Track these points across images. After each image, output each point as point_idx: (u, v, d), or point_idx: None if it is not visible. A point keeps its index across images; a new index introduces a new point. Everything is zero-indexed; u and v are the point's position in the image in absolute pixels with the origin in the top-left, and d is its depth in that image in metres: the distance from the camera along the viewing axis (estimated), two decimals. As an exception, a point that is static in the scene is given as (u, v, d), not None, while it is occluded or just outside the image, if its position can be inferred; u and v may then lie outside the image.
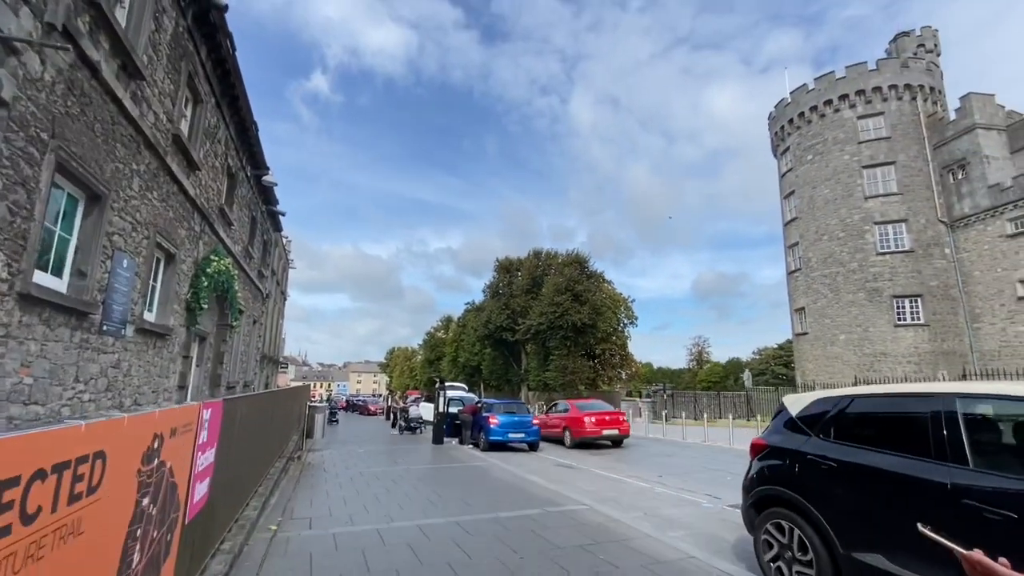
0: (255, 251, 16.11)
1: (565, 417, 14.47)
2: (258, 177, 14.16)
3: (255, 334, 17.80)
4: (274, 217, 18.69)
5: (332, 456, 10.67)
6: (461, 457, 11.15)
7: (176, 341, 8.90)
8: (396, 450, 12.45)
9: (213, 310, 11.84)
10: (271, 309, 24.47)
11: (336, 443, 15.19)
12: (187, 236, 9.09)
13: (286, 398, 8.89)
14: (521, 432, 13.09)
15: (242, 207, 13.68)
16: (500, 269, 51.45)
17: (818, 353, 30.16)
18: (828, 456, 3.22)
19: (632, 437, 18.36)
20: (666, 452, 13.26)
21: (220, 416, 3.34)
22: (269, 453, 6.94)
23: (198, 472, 2.81)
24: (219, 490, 3.65)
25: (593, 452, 13.09)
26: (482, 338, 51.88)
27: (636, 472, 9.61)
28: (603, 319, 40.83)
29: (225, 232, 11.78)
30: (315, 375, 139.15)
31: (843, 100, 30.81)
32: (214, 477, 3.32)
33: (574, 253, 42.81)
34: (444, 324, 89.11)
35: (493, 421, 12.97)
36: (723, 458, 11.86)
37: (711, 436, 16.29)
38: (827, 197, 30.59)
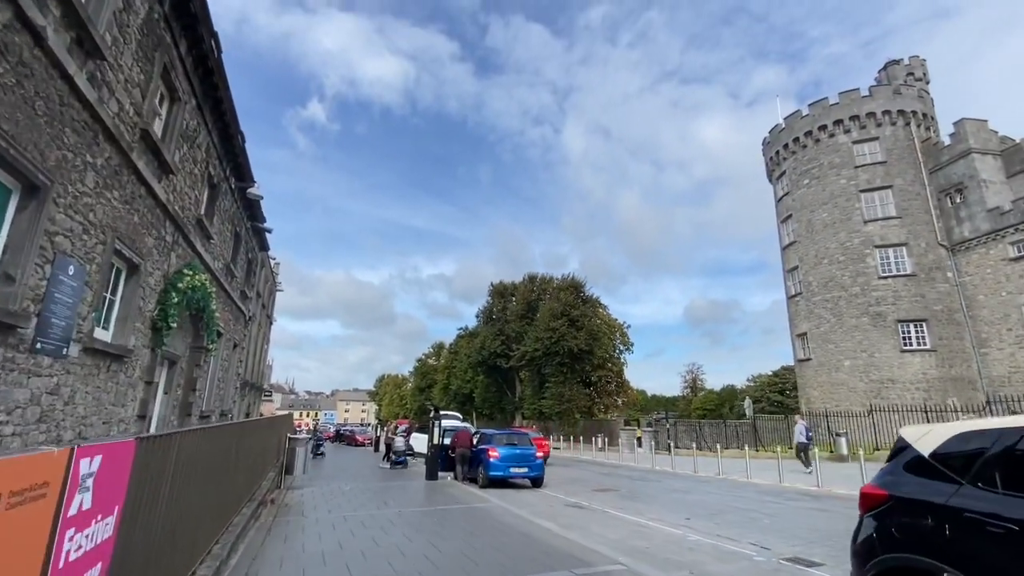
0: (238, 270, 15.09)
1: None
2: (243, 190, 13.28)
3: (235, 359, 16.58)
4: (260, 235, 17.74)
5: (313, 496, 9.43)
6: (459, 496, 9.97)
7: (137, 364, 7.81)
8: (386, 488, 11.23)
9: (186, 331, 10.74)
10: (255, 333, 23.23)
11: (320, 479, 13.86)
12: (156, 246, 8.11)
13: (259, 429, 7.76)
14: (524, 466, 11.93)
15: (224, 221, 12.75)
16: (494, 294, 50.57)
17: (823, 379, 29.33)
18: (1003, 515, 2.30)
19: (641, 470, 17.15)
20: (682, 487, 12.15)
21: (130, 462, 2.34)
22: (233, 497, 5.81)
23: (73, 561, 1.80)
24: (131, 569, 2.61)
25: (600, 489, 11.93)
26: (475, 364, 50.47)
27: (657, 513, 8.53)
28: (600, 345, 39.84)
29: (203, 246, 10.81)
30: (302, 404, 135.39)
31: (837, 125, 30.96)
32: (119, 553, 2.30)
33: (570, 277, 42.14)
34: (435, 351, 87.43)
35: (493, 454, 11.82)
36: (747, 494, 10.79)
37: (724, 468, 15.19)
38: (825, 221, 30.35)
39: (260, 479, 8.08)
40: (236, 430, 5.32)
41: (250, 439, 6.77)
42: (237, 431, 5.24)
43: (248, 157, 12.93)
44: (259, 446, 7.83)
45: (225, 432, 4.87)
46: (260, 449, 7.90)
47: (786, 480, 12.68)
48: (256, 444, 7.44)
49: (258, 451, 7.79)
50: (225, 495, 5.39)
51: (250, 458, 6.90)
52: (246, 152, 12.76)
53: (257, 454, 7.60)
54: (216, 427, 4.79)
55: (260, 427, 7.36)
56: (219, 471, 4.85)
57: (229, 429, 5.03)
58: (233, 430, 5.43)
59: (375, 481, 12.72)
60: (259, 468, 7.99)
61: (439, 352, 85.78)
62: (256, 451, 7.43)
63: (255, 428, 6.81)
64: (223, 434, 4.80)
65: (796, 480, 12.96)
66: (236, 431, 5.28)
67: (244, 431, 6.26)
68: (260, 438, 7.93)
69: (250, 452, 6.88)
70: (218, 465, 4.77)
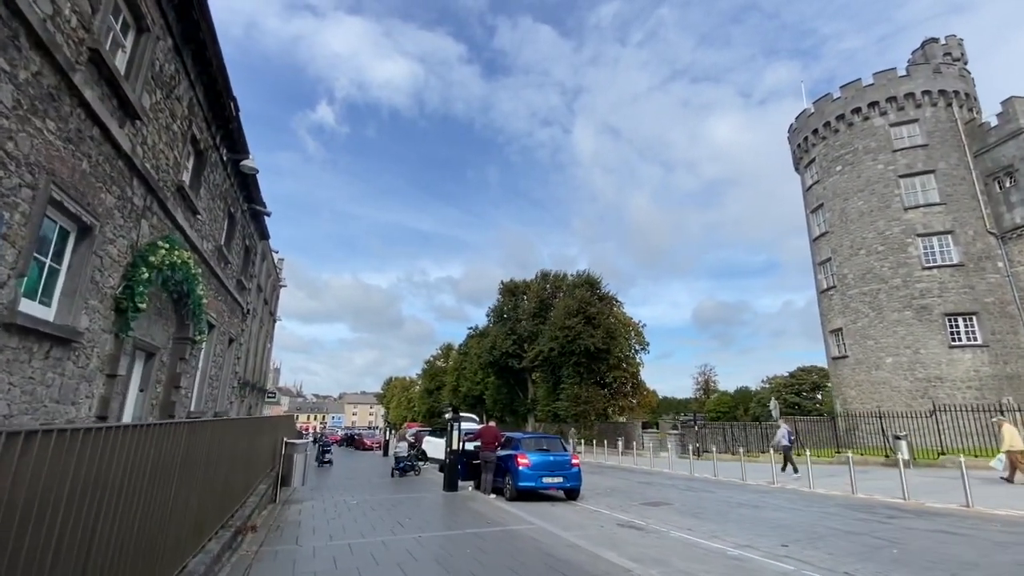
0: (233, 256, 13.61)
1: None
2: (236, 162, 11.79)
3: (232, 356, 15.10)
4: (259, 220, 16.27)
5: (314, 513, 7.88)
6: (486, 513, 8.32)
7: (94, 352, 6.29)
8: (399, 502, 9.64)
9: (167, 318, 9.24)
10: (256, 330, 21.79)
11: (324, 489, 12.30)
12: (119, 207, 6.59)
13: (244, 433, 6.19)
14: (558, 475, 10.30)
15: (215, 197, 11.26)
16: (505, 292, 48.97)
17: (861, 378, 27.40)
18: None
19: (680, 477, 15.38)
20: (744, 500, 10.44)
21: None
22: (197, 527, 4.24)
23: None
24: None
25: (650, 502, 10.25)
26: (486, 365, 48.83)
27: (740, 537, 6.88)
28: (617, 344, 38.10)
29: (187, 220, 9.31)
30: (310, 407, 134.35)
31: (873, 108, 29.10)
32: None
33: (584, 274, 40.41)
34: (444, 352, 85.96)
35: (523, 462, 10.20)
36: (830, 510, 9.08)
37: (766, 474, 13.44)
38: (861, 209, 28.47)
39: (245, 495, 6.51)
40: (196, 432, 3.73)
41: (228, 446, 5.21)
42: (197, 433, 3.66)
43: (242, 127, 11.44)
44: (243, 454, 6.26)
45: (171, 433, 3.30)
46: (244, 457, 6.34)
47: (860, 490, 10.95)
48: (239, 451, 5.89)
49: (241, 459, 6.22)
50: (177, 524, 3.82)
51: (227, 471, 5.34)
52: (239, 121, 11.28)
53: (242, 464, 6.04)
54: (152, 426, 3.22)
55: (244, 430, 5.80)
56: (163, 491, 3.31)
57: (178, 429, 3.45)
58: (191, 430, 3.87)
59: (386, 492, 11.14)
60: (241, 482, 6.42)
61: (447, 354, 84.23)
62: (241, 460, 5.87)
63: (237, 431, 5.26)
64: (165, 435, 3.23)
65: (871, 490, 11.23)
66: (196, 433, 3.70)
67: (216, 435, 4.69)
68: (247, 443, 6.38)
69: (225, 461, 5.30)
70: (164, 484, 3.23)
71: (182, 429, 3.58)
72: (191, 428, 3.74)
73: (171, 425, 3.46)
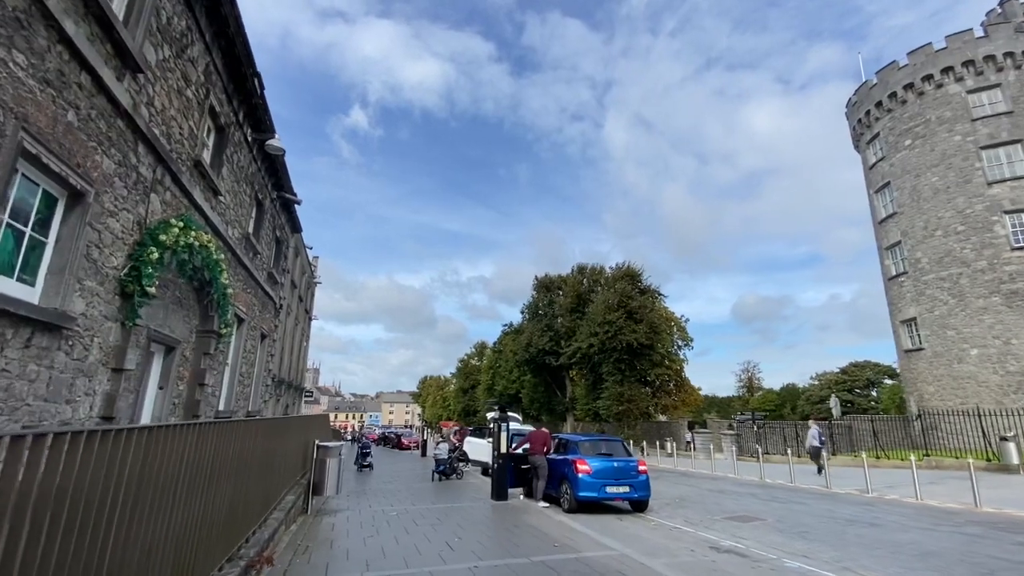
0: (262, 246, 12.85)
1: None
2: (260, 143, 10.96)
3: (264, 352, 14.41)
4: (290, 211, 15.55)
5: (348, 528, 6.81)
6: (548, 530, 6.97)
7: (93, 342, 5.39)
8: (445, 513, 8.50)
9: (189, 309, 8.42)
10: (291, 328, 21.27)
11: (361, 494, 11.35)
12: (120, 175, 5.69)
13: (263, 435, 5.11)
14: (624, 484, 8.97)
15: (240, 180, 10.45)
16: (539, 287, 47.58)
17: (941, 372, 24.76)
18: None
19: (751, 484, 13.69)
20: (848, 514, 8.80)
21: None
22: (181, 571, 3.15)
23: None
24: None
25: (735, 516, 8.77)
26: (521, 363, 47.60)
27: (875, 569, 5.40)
28: (660, 340, 36.19)
29: (206, 199, 8.46)
30: (348, 406, 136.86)
31: (946, 73, 26.33)
32: None
33: (624, 266, 38.61)
34: (478, 350, 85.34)
35: (582, 468, 8.92)
36: (977, 531, 7.38)
37: (854, 480, 11.65)
38: (936, 186, 25.78)
39: (265, 510, 5.46)
40: (149, 439, 2.62)
41: (228, 452, 4.14)
42: (148, 441, 2.55)
43: (267, 105, 10.59)
44: (259, 460, 5.23)
45: (112, 444, 2.18)
46: (264, 465, 5.31)
47: (985, 503, 9.14)
48: (250, 458, 4.84)
49: (257, 469, 5.18)
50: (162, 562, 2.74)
51: (232, 484, 4.28)
52: (264, 98, 10.43)
53: (253, 474, 4.99)
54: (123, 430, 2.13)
55: (254, 433, 4.76)
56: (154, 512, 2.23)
57: (127, 439, 2.35)
58: (174, 435, 2.79)
59: (428, 500, 10.05)
60: (258, 496, 5.37)
61: (481, 352, 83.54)
62: (252, 469, 4.83)
63: (239, 435, 4.22)
64: (107, 447, 2.12)
65: (994, 501, 9.38)
66: (146, 441, 2.59)
67: (221, 438, 3.62)
68: (261, 447, 5.34)
69: (230, 474, 4.24)
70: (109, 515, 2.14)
71: (143, 437, 2.49)
72: (157, 434, 2.65)
73: (126, 432, 2.36)
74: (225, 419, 4.09)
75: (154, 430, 2.82)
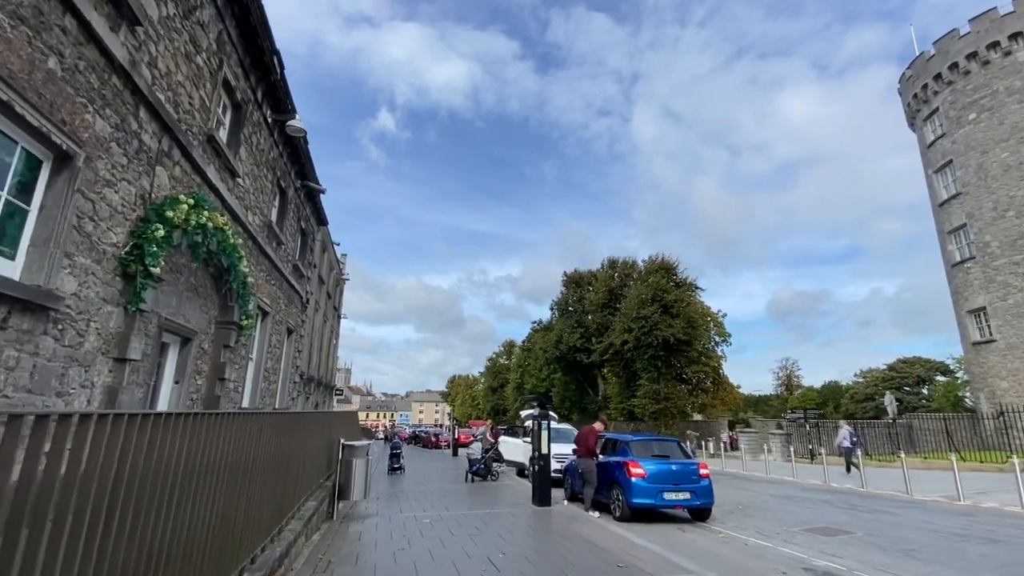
0: (286, 236, 12.31)
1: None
2: (280, 124, 10.37)
3: (290, 348, 13.92)
4: (315, 202, 15.04)
5: (377, 538, 6.05)
6: (607, 546, 5.92)
7: (89, 327, 4.77)
8: (484, 520, 7.65)
9: (207, 298, 7.84)
10: (319, 325, 20.90)
11: (391, 497, 10.65)
12: (118, 141, 5.05)
13: (272, 432, 4.29)
14: (684, 490, 7.95)
15: (260, 164, 9.88)
16: (569, 283, 46.44)
17: (1016, 366, 22.59)
18: None
19: (816, 488, 12.34)
20: (951, 527, 7.55)
21: None
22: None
23: None
24: None
25: (816, 529, 7.63)
26: (552, 361, 46.52)
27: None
28: (698, 335, 34.61)
29: (223, 181, 7.86)
30: (379, 405, 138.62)
31: (1016, 39, 24.04)
32: None
33: (658, 258, 37.13)
34: (506, 349, 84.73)
35: (636, 472, 7.94)
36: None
37: (958, 490, 10.25)
38: (1007, 162, 23.55)
39: (279, 521, 4.66)
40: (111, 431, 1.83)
41: (235, 447, 3.39)
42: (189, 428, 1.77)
43: (287, 84, 9.99)
44: (270, 462, 4.47)
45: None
46: (275, 468, 4.54)
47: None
48: (263, 455, 4.10)
49: (270, 469, 4.43)
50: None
51: (243, 489, 3.53)
52: (284, 76, 9.83)
53: (261, 477, 4.24)
54: None
55: (272, 426, 4.02)
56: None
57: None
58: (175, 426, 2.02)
59: (463, 505, 9.23)
60: (269, 506, 4.61)
61: (510, 351, 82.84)
62: (258, 472, 4.07)
63: (253, 429, 3.48)
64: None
65: None
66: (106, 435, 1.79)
67: (199, 430, 2.85)
68: (278, 443, 4.58)
69: (235, 476, 3.50)
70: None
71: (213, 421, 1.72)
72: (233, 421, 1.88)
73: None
74: (210, 411, 3.32)
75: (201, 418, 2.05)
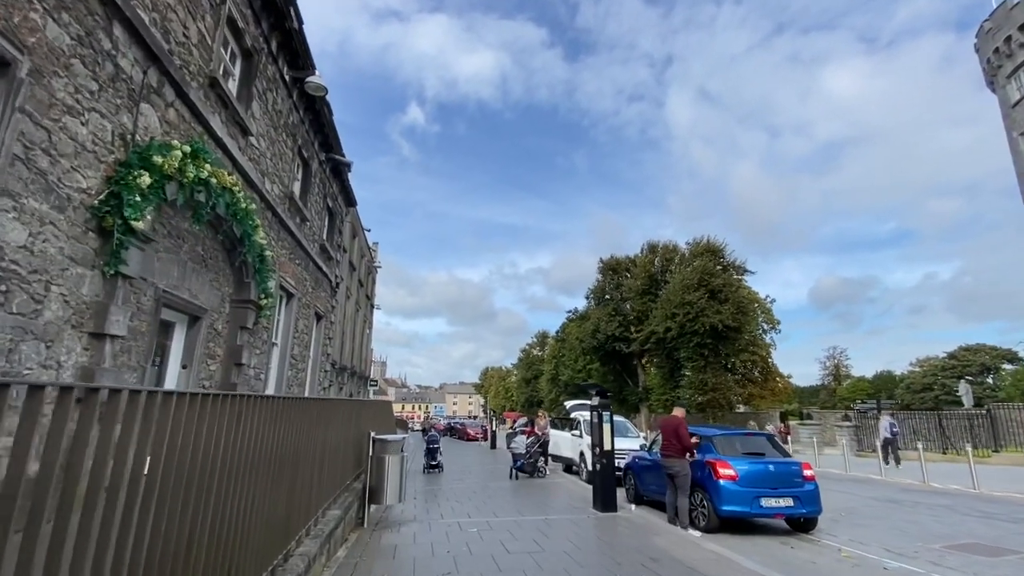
0: (311, 213, 11.35)
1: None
2: (298, 82, 9.32)
3: (320, 334, 13.03)
4: (342, 179, 14.06)
5: (415, 555, 4.91)
6: (703, 567, 4.64)
7: (51, 292, 3.79)
8: (539, 531, 6.37)
9: (218, 272, 6.88)
10: (351, 312, 20.12)
11: (429, 497, 9.59)
12: (81, 58, 4.03)
13: (271, 422, 3.15)
14: (786, 495, 6.51)
15: (278, 127, 8.86)
16: (605, 270, 44.57)
17: None
18: None
19: (914, 490, 10.49)
20: None
21: None
22: None
23: None
24: None
25: (970, 548, 6.06)
26: (589, 351, 44.89)
27: None
28: (749, 321, 32.38)
29: (232, 138, 6.85)
30: (414, 397, 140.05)
31: None
32: None
33: (703, 240, 34.94)
34: (539, 340, 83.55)
35: (725, 473, 6.55)
36: None
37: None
38: (1118, 117, 20.51)
39: (281, 544, 3.48)
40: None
41: (207, 442, 2.26)
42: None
43: (304, 37, 8.92)
44: (275, 459, 3.34)
45: None
46: (275, 467, 3.39)
47: None
48: (252, 454, 2.98)
49: (268, 472, 3.29)
50: None
51: (219, 502, 2.41)
52: (302, 30, 8.77)
53: (265, 483, 3.10)
54: None
55: (270, 414, 2.96)
56: None
57: None
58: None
59: (513, 508, 7.99)
60: (279, 521, 3.48)
61: (543, 342, 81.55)
62: (248, 474, 2.93)
63: (243, 412, 2.42)
64: None
65: None
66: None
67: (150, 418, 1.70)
68: (279, 437, 3.43)
69: (208, 484, 2.36)
70: None
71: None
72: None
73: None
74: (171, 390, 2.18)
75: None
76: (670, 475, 6.79)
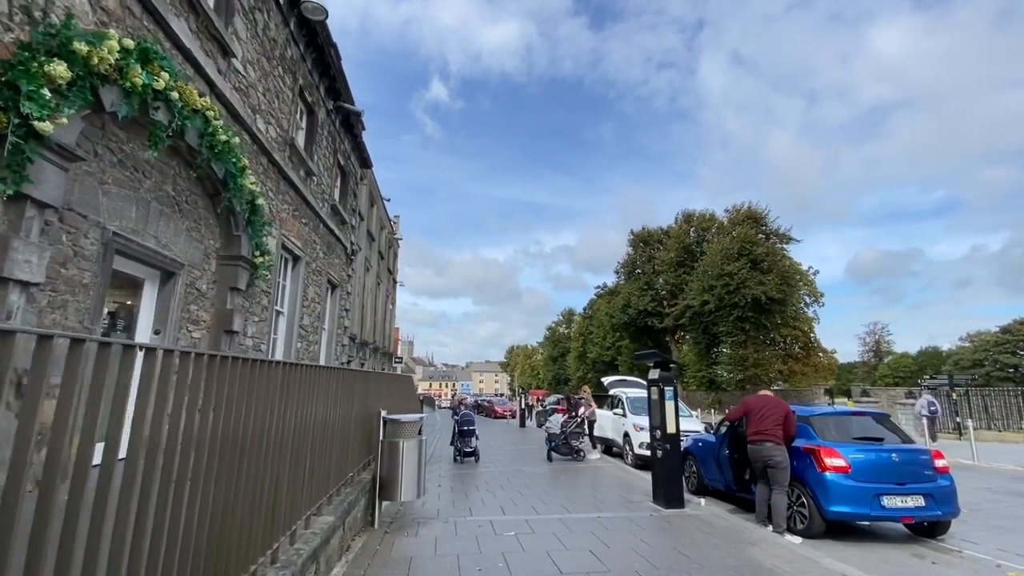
0: (319, 168, 10.12)
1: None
2: (296, 6, 7.94)
3: (334, 305, 11.95)
4: (354, 136, 12.75)
5: (436, 573, 3.80)
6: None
7: None
8: (593, 531, 5.07)
9: (199, 221, 5.72)
10: (372, 285, 19.08)
11: (453, 483, 8.45)
12: None
13: (238, 393, 1.95)
14: (915, 491, 5.08)
15: (271, 58, 7.56)
16: (636, 243, 42.58)
17: None
18: None
19: (1015, 475, 8.70)
20: None
21: None
22: None
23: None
24: None
25: None
26: (619, 327, 43.26)
27: None
28: (794, 293, 30.22)
29: (207, 55, 5.60)
30: (440, 375, 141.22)
31: None
32: None
33: (743, 207, 32.60)
34: (566, 318, 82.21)
35: (834, 464, 5.14)
36: None
37: None
38: None
39: (248, 562, 2.32)
40: None
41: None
42: None
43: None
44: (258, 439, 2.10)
45: None
46: (229, 461, 2.18)
47: None
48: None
49: (218, 469, 2.05)
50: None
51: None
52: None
53: (229, 485, 1.86)
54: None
55: (232, 378, 1.82)
56: None
57: None
58: None
59: (555, 502, 6.72)
60: (218, 543, 2.27)
61: (569, 319, 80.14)
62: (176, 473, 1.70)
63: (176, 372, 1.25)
64: None
65: None
66: None
67: None
68: (241, 417, 2.20)
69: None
70: None
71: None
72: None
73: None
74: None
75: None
76: (769, 466, 5.39)
